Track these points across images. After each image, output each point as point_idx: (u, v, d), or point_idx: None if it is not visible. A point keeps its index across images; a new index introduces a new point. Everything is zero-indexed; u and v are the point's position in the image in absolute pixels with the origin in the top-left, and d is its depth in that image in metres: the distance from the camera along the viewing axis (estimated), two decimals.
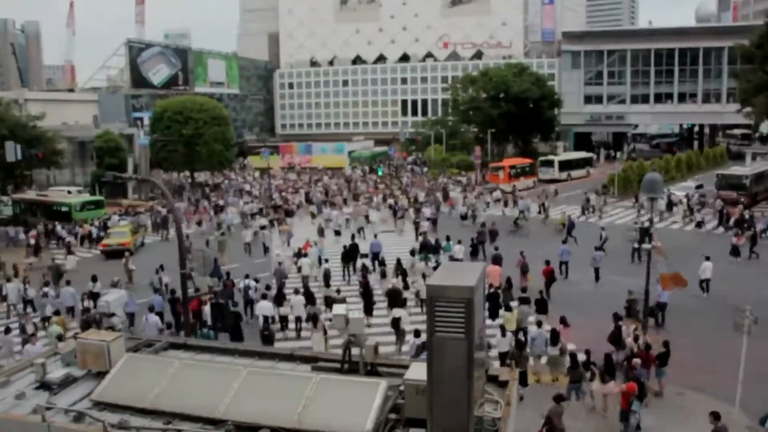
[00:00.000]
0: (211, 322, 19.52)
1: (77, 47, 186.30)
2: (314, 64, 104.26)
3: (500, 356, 16.48)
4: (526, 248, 26.26)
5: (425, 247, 27.63)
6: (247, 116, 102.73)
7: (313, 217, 40.11)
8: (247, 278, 22.71)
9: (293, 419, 6.23)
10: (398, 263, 24.46)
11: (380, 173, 63.34)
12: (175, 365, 7.29)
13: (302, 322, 20.25)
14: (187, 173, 65.56)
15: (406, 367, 6.81)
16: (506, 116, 65.03)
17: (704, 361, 17.01)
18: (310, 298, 20.76)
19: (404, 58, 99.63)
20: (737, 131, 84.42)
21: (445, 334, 5.63)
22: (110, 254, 32.63)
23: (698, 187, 45.05)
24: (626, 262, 27.74)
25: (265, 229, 36.09)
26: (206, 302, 20.09)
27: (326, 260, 26.15)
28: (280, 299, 21.18)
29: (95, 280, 23.92)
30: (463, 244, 27.93)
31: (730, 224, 34.51)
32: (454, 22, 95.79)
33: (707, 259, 23.43)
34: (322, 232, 33.65)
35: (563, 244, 27.16)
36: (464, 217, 38.91)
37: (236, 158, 73.84)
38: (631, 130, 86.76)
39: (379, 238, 30.73)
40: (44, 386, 7.35)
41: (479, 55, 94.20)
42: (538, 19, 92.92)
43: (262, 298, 20.79)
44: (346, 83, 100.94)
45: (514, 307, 19.30)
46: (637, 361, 14.85)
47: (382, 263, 25.69)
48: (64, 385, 7.35)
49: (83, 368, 7.61)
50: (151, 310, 19.32)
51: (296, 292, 20.93)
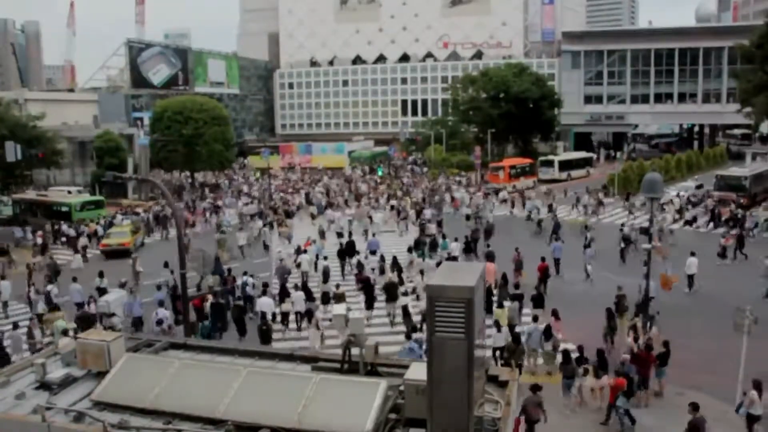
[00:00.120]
0: (211, 321, 19.58)
1: (77, 47, 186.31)
2: (314, 64, 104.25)
3: (494, 351, 16.82)
4: (526, 246, 26.40)
5: (420, 244, 28.27)
6: (247, 116, 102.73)
7: (313, 218, 39.72)
8: (245, 275, 23.04)
9: (293, 419, 6.23)
10: (394, 260, 24.98)
11: (380, 173, 63.32)
12: (175, 365, 7.29)
13: (305, 318, 20.69)
14: (187, 173, 65.53)
15: (406, 367, 6.80)
16: (506, 116, 65.06)
17: (704, 361, 17.02)
18: (308, 294, 21.18)
19: (404, 58, 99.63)
20: (737, 131, 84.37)
21: (445, 334, 5.63)
22: (110, 254, 32.63)
23: (698, 187, 45.03)
24: (618, 260, 27.90)
25: (265, 227, 35.97)
26: (208, 299, 20.43)
27: (325, 257, 26.83)
28: (283, 295, 21.58)
29: (102, 276, 24.48)
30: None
31: (720, 223, 34.81)
32: (454, 22, 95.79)
33: (692, 254, 24.16)
34: (323, 234, 32.88)
35: (557, 241, 27.67)
36: (469, 217, 38.10)
37: (236, 158, 73.76)
38: (631, 130, 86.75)
39: (378, 237, 31.16)
40: (44, 386, 7.35)
41: (479, 55, 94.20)
42: (538, 19, 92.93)
43: (262, 294, 21.13)
44: (346, 83, 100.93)
45: (506, 304, 19.54)
46: (626, 357, 14.98)
47: (381, 260, 26.19)
48: (64, 385, 7.35)
49: (83, 368, 7.61)
50: (161, 305, 19.85)
51: (297, 288, 21.57)
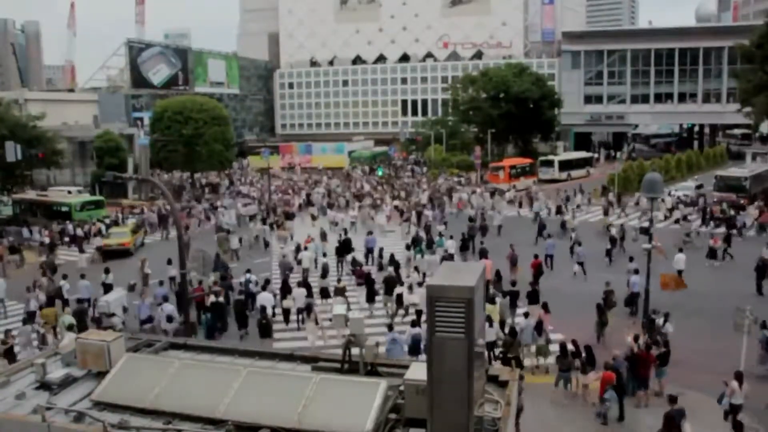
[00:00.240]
0: (211, 321, 19.63)
1: (77, 47, 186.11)
2: (314, 64, 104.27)
3: (487, 346, 16.83)
4: (530, 246, 26.93)
5: (417, 242, 29.02)
6: (247, 116, 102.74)
7: (313, 219, 39.08)
8: (247, 273, 23.34)
9: (293, 419, 6.23)
10: (392, 257, 25.71)
11: (380, 173, 63.29)
12: (175, 365, 7.29)
13: (304, 313, 21.06)
14: (186, 174, 65.45)
15: (406, 367, 6.81)
16: (506, 116, 65.06)
17: (704, 361, 17.01)
18: (308, 290, 21.70)
19: (404, 58, 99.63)
20: (737, 131, 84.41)
21: (445, 334, 5.63)
22: (110, 254, 32.63)
23: (698, 187, 45.04)
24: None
25: (264, 226, 35.87)
26: (209, 294, 20.75)
27: (324, 254, 27.69)
28: (284, 291, 21.98)
29: (108, 272, 24.86)
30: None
31: (711, 222, 35.05)
32: (454, 22, 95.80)
33: (680, 251, 24.87)
34: (324, 236, 31.86)
35: (549, 239, 28.53)
36: (473, 219, 36.77)
37: (236, 158, 73.64)
38: (631, 130, 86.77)
39: (381, 237, 31.64)
40: (44, 386, 7.35)
41: (479, 55, 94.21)
42: (538, 19, 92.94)
43: (262, 290, 21.49)
44: (346, 83, 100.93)
45: (497, 300, 19.85)
46: (616, 352, 15.27)
47: (380, 256, 26.95)
48: (64, 385, 7.35)
49: (83, 368, 7.61)
50: (165, 299, 20.03)
51: (299, 284, 22.01)
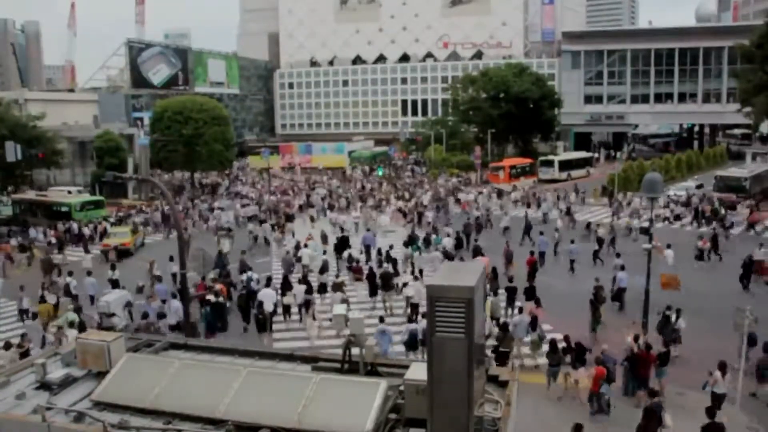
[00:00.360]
0: (211, 318, 19.66)
1: (77, 47, 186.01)
2: (314, 64, 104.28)
3: None
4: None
5: (414, 240, 29.90)
6: (247, 116, 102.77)
7: (312, 221, 38.49)
8: (250, 271, 23.71)
9: (293, 419, 6.23)
10: (388, 254, 26.55)
11: (380, 173, 63.27)
12: (175, 365, 7.28)
13: (303, 309, 21.52)
14: (186, 174, 65.45)
15: (406, 367, 6.81)
16: (506, 116, 65.10)
17: (704, 360, 16.98)
18: (308, 287, 22.15)
19: (404, 58, 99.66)
20: (737, 131, 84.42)
21: (445, 334, 5.63)
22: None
23: (698, 187, 45.06)
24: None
25: (262, 224, 35.95)
26: (210, 289, 21.11)
27: (323, 252, 28.32)
28: (285, 287, 22.46)
29: (114, 268, 25.53)
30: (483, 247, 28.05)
31: (702, 221, 35.48)
32: (454, 22, 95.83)
33: (668, 246, 25.65)
34: (325, 238, 31.36)
35: (542, 236, 29.35)
36: (479, 220, 36.23)
37: (237, 158, 73.58)
38: (631, 130, 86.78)
39: (383, 237, 31.96)
40: (44, 386, 7.34)
41: (479, 55, 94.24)
42: (538, 19, 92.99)
43: (265, 286, 21.82)
44: (346, 83, 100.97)
45: (488, 297, 20.16)
46: (605, 347, 15.66)
47: (378, 253, 27.63)
48: (64, 385, 7.34)
49: (83, 368, 7.60)
50: (174, 296, 20.21)
51: (299, 281, 22.63)
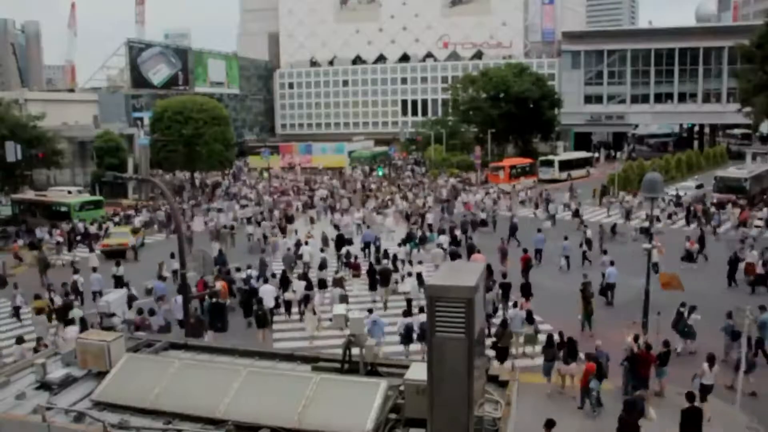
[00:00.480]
0: (210, 321, 19.69)
1: (78, 47, 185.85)
2: (314, 64, 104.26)
3: None
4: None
5: (411, 237, 30.72)
6: (247, 116, 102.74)
7: (312, 222, 37.89)
8: (249, 269, 23.90)
9: (293, 419, 6.23)
10: (386, 252, 27.58)
11: (380, 173, 63.23)
12: (175, 365, 7.29)
13: (303, 304, 21.91)
14: (186, 174, 65.42)
15: (406, 367, 6.81)
16: (506, 116, 65.09)
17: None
18: (308, 283, 22.62)
19: (404, 58, 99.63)
20: (737, 131, 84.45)
21: (445, 333, 5.63)
22: (110, 254, 32.63)
23: (698, 186, 45.05)
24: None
25: (266, 223, 36.01)
26: (213, 286, 21.52)
27: (322, 249, 28.88)
28: (285, 284, 23.05)
29: (119, 264, 26.04)
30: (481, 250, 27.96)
31: (694, 220, 35.68)
32: (454, 22, 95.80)
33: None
34: (326, 241, 30.99)
35: (539, 233, 29.83)
36: (485, 222, 35.59)
37: (237, 158, 73.48)
38: (631, 130, 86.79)
39: (385, 239, 32.09)
40: (44, 386, 7.34)
41: (479, 55, 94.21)
42: (538, 19, 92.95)
43: (264, 282, 22.26)
44: (346, 83, 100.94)
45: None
46: (598, 342, 15.93)
47: (377, 251, 28.38)
48: (64, 385, 7.34)
49: (83, 368, 7.60)
50: (179, 292, 20.18)
51: (299, 277, 23.14)
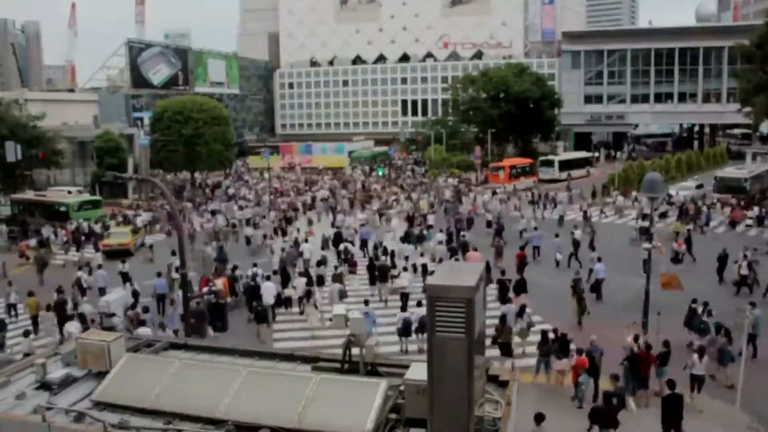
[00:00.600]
0: (210, 321, 19.68)
1: (78, 47, 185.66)
2: (314, 64, 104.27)
3: None
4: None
5: (408, 236, 31.49)
6: (247, 116, 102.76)
7: (310, 224, 37.45)
8: (254, 267, 24.61)
9: (293, 419, 6.23)
10: (384, 248, 28.31)
11: (380, 173, 63.22)
12: (175, 365, 7.28)
13: (304, 300, 22.44)
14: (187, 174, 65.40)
15: (406, 367, 6.81)
16: (506, 116, 65.08)
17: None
18: (309, 279, 23.29)
19: (404, 58, 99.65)
20: (737, 131, 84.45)
21: (445, 333, 5.63)
22: (110, 254, 32.64)
23: (698, 186, 45.04)
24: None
25: (266, 221, 36.43)
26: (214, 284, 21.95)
27: (322, 247, 30.02)
28: (285, 279, 23.83)
29: (124, 261, 26.79)
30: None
31: (686, 219, 35.66)
32: (454, 22, 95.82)
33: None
34: (327, 243, 30.85)
35: (536, 231, 30.80)
36: (491, 224, 34.70)
37: (237, 158, 73.47)
38: (631, 129, 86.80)
39: (389, 241, 32.39)
40: (44, 386, 7.34)
41: (479, 55, 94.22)
42: (538, 19, 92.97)
43: (266, 280, 22.70)
44: (346, 83, 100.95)
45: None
46: (593, 337, 16.23)
47: (375, 248, 29.05)
48: (64, 385, 7.34)
49: (83, 368, 7.60)
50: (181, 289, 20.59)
51: (299, 274, 23.87)
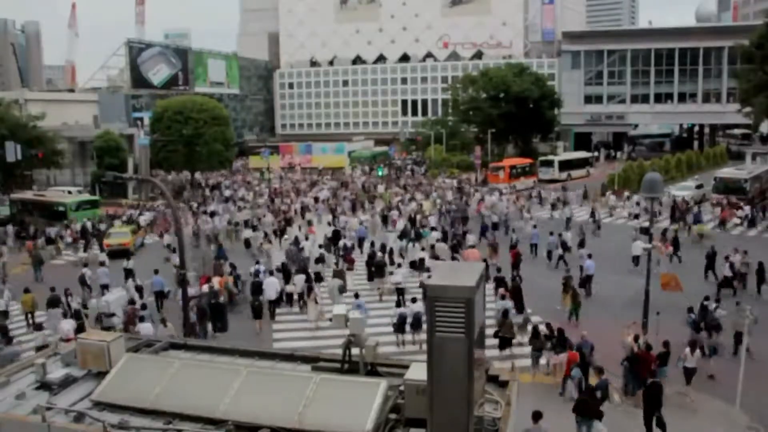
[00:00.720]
0: (210, 321, 19.73)
1: (78, 47, 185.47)
2: (314, 64, 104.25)
3: None
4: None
5: (406, 234, 31.98)
6: (247, 116, 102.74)
7: (310, 225, 36.40)
8: (257, 264, 25.10)
9: (293, 419, 6.23)
10: (383, 246, 28.60)
11: (380, 173, 63.20)
12: (175, 365, 7.28)
13: (305, 296, 22.76)
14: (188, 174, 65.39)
15: (406, 367, 6.81)
16: (506, 116, 65.05)
17: (704, 360, 17.01)
18: (307, 276, 23.77)
19: (404, 58, 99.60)
20: (737, 131, 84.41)
21: (445, 333, 5.63)
22: (110, 254, 32.62)
23: (698, 187, 45.00)
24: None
25: (257, 226, 36.31)
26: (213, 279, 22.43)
27: (320, 246, 29.78)
28: (287, 276, 24.20)
29: (128, 258, 27.19)
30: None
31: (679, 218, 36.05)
32: (454, 22, 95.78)
33: (637, 238, 27.15)
34: (329, 247, 30.16)
35: (534, 229, 31.18)
36: (497, 226, 34.43)
37: (237, 158, 73.42)
38: (631, 129, 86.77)
39: (391, 242, 32.30)
40: (44, 386, 7.34)
41: (479, 55, 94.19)
42: (538, 19, 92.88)
43: (269, 275, 23.16)
44: (346, 83, 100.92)
45: None
46: (584, 333, 16.66)
47: (371, 245, 29.42)
48: (64, 385, 7.34)
49: (83, 368, 7.60)
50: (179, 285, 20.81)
51: (297, 271, 24.24)
